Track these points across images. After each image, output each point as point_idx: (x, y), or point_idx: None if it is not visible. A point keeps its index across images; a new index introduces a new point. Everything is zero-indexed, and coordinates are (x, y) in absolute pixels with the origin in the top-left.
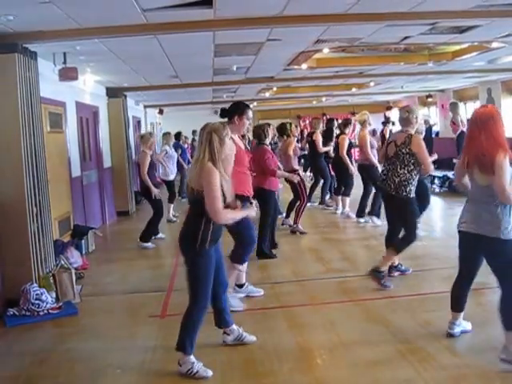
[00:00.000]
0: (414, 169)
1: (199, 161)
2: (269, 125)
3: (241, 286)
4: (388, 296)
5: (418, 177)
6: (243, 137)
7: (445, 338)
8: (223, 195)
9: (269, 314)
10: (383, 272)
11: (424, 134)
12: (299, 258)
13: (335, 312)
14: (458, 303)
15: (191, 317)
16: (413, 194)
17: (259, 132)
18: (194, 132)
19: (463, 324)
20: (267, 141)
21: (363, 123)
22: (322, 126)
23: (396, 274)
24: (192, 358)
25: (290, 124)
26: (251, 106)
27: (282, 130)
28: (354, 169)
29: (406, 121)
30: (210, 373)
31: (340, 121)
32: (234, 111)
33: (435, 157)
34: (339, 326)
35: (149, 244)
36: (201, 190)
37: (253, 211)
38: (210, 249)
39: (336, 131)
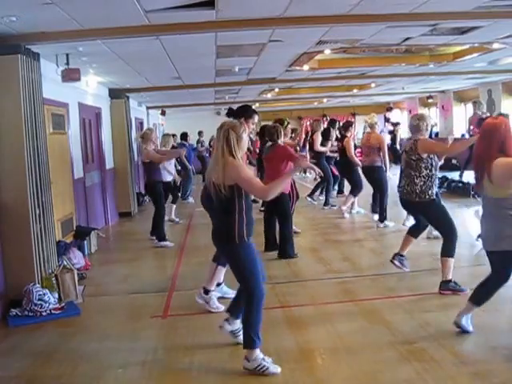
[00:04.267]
0: (429, 172)
1: (220, 159)
2: (279, 126)
3: (218, 284)
4: (388, 296)
5: (435, 179)
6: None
7: (445, 338)
8: (246, 192)
9: (269, 314)
10: (451, 280)
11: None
12: (300, 259)
13: (336, 312)
14: (480, 298)
15: (252, 309)
16: (434, 196)
17: (272, 132)
18: (199, 133)
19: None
20: (279, 141)
21: (374, 125)
22: (322, 127)
23: (397, 262)
24: (260, 353)
25: (287, 122)
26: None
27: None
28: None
29: (415, 128)
30: (279, 369)
31: (341, 123)
32: (242, 113)
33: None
34: (340, 326)
35: (167, 242)
36: (230, 184)
37: (303, 163)
38: (249, 240)
39: (336, 134)
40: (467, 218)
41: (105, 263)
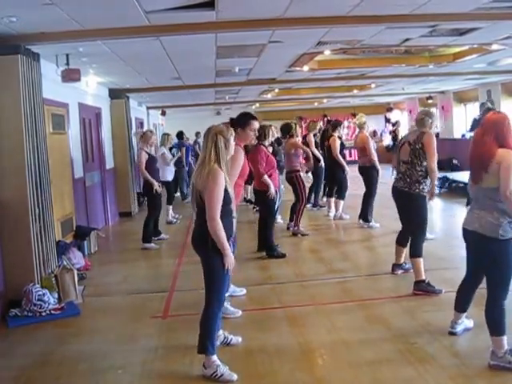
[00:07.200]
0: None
1: (205, 163)
2: (270, 126)
3: None
4: (388, 296)
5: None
6: None
7: (445, 338)
8: (226, 199)
9: (270, 315)
10: (424, 281)
11: None
12: (300, 259)
13: (336, 312)
14: (460, 304)
15: (210, 315)
16: (424, 193)
17: (260, 132)
18: (197, 134)
19: (465, 322)
20: (266, 142)
21: (363, 125)
22: (318, 128)
23: (399, 272)
24: (217, 360)
25: (295, 124)
26: (253, 107)
27: (286, 130)
28: (348, 169)
29: (420, 122)
30: (235, 376)
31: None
32: (237, 124)
33: None
34: (340, 326)
35: (151, 244)
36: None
37: (231, 260)
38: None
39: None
40: None
41: (105, 263)
